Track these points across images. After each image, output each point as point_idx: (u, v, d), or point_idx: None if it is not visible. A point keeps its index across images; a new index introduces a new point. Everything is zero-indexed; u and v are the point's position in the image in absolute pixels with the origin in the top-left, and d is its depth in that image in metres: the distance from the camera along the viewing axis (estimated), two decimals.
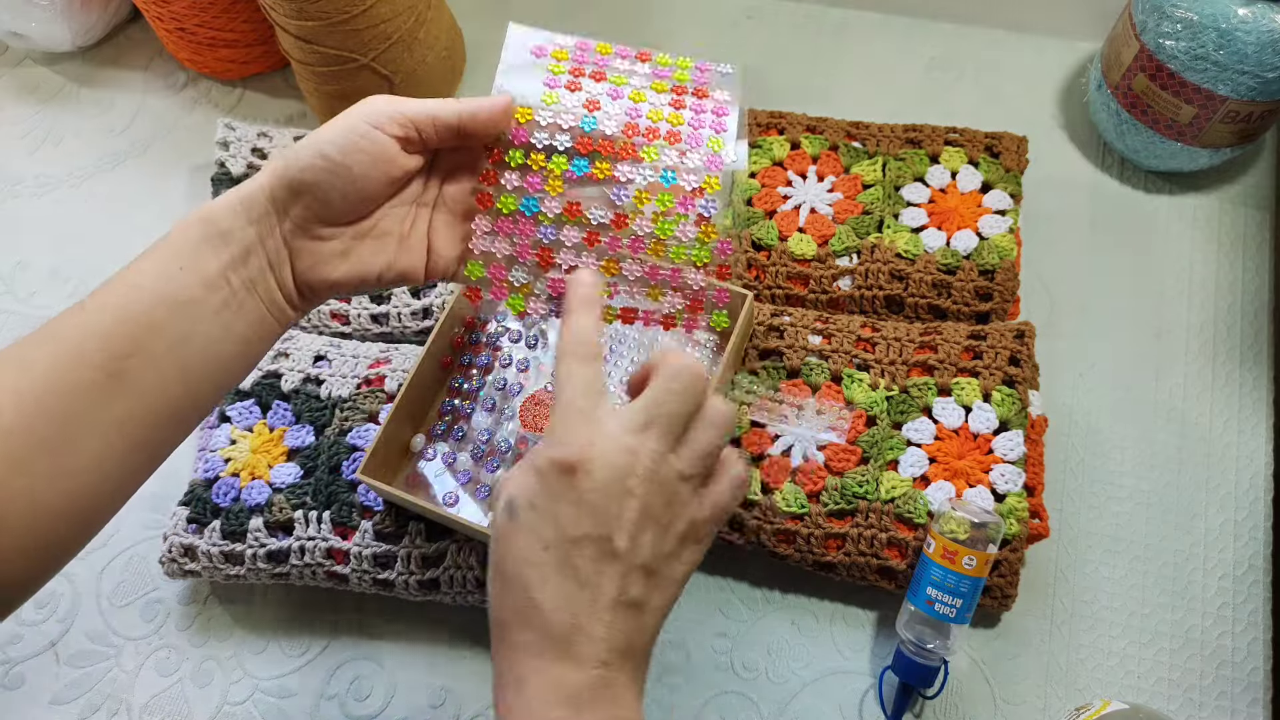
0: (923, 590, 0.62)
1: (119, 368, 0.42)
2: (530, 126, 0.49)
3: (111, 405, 0.42)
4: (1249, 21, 0.69)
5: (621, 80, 0.50)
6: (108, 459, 0.43)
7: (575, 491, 0.40)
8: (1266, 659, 0.66)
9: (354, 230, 0.47)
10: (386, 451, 0.66)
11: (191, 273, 0.43)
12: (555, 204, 0.49)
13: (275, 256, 0.45)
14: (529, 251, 0.49)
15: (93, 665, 0.69)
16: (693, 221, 0.48)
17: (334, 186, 0.45)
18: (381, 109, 0.45)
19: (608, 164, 0.48)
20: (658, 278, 0.49)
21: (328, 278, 0.47)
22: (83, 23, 0.93)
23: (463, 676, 0.68)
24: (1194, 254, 0.80)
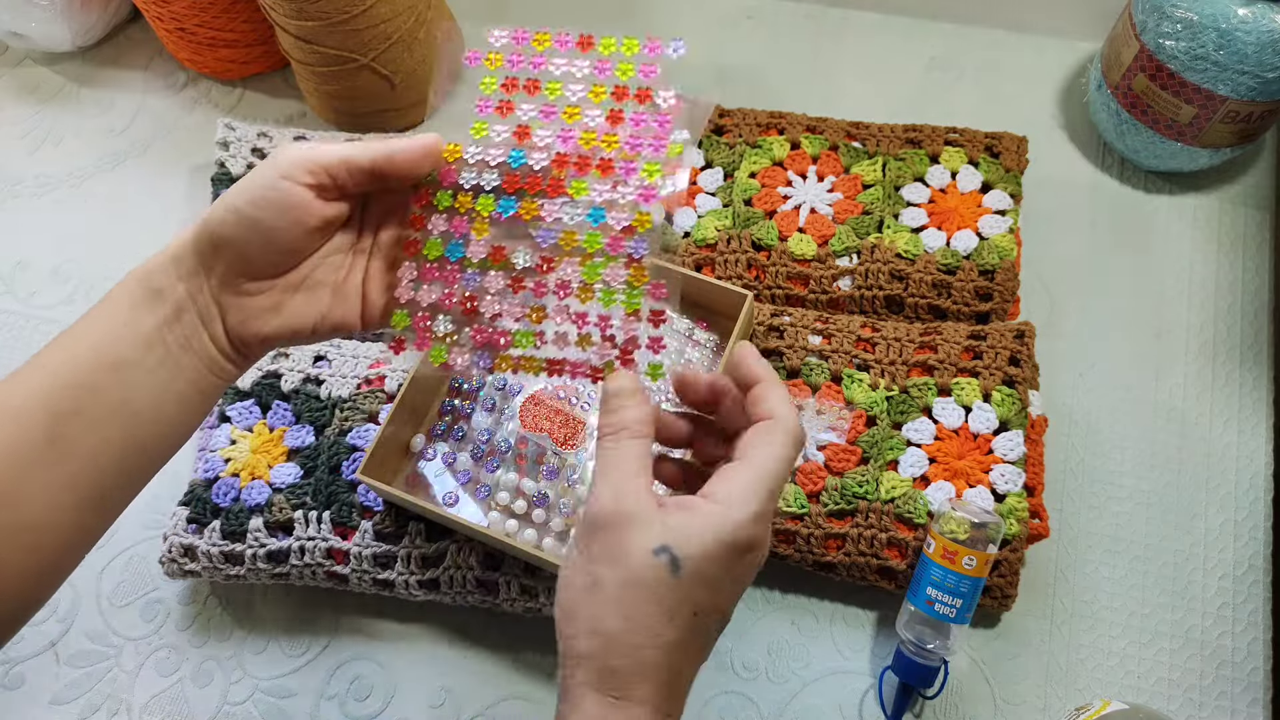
0: (923, 590, 0.62)
1: (60, 431, 0.42)
2: (459, 165, 0.46)
3: (57, 466, 0.42)
4: (1249, 21, 0.69)
5: (556, 89, 0.46)
6: (60, 516, 0.43)
7: (742, 568, 0.41)
8: (1266, 659, 0.66)
9: (283, 283, 0.46)
10: (386, 451, 0.66)
11: (129, 333, 0.43)
12: (481, 248, 0.46)
13: (206, 313, 0.45)
14: (454, 298, 0.46)
15: (93, 665, 0.69)
16: (622, 264, 0.45)
17: (249, 241, 0.44)
18: (292, 158, 0.44)
19: (535, 203, 0.46)
20: (585, 326, 0.45)
21: (259, 332, 0.46)
22: (83, 23, 0.93)
23: (463, 676, 0.68)
24: (1194, 254, 0.80)
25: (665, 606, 0.39)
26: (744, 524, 0.40)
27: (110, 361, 0.43)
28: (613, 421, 0.42)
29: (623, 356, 0.45)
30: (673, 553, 0.39)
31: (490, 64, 0.46)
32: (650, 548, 0.39)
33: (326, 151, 0.44)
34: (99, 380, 0.43)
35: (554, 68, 0.46)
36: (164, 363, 0.44)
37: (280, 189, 0.43)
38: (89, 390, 0.43)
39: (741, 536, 0.40)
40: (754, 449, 0.42)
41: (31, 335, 0.83)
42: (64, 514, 0.43)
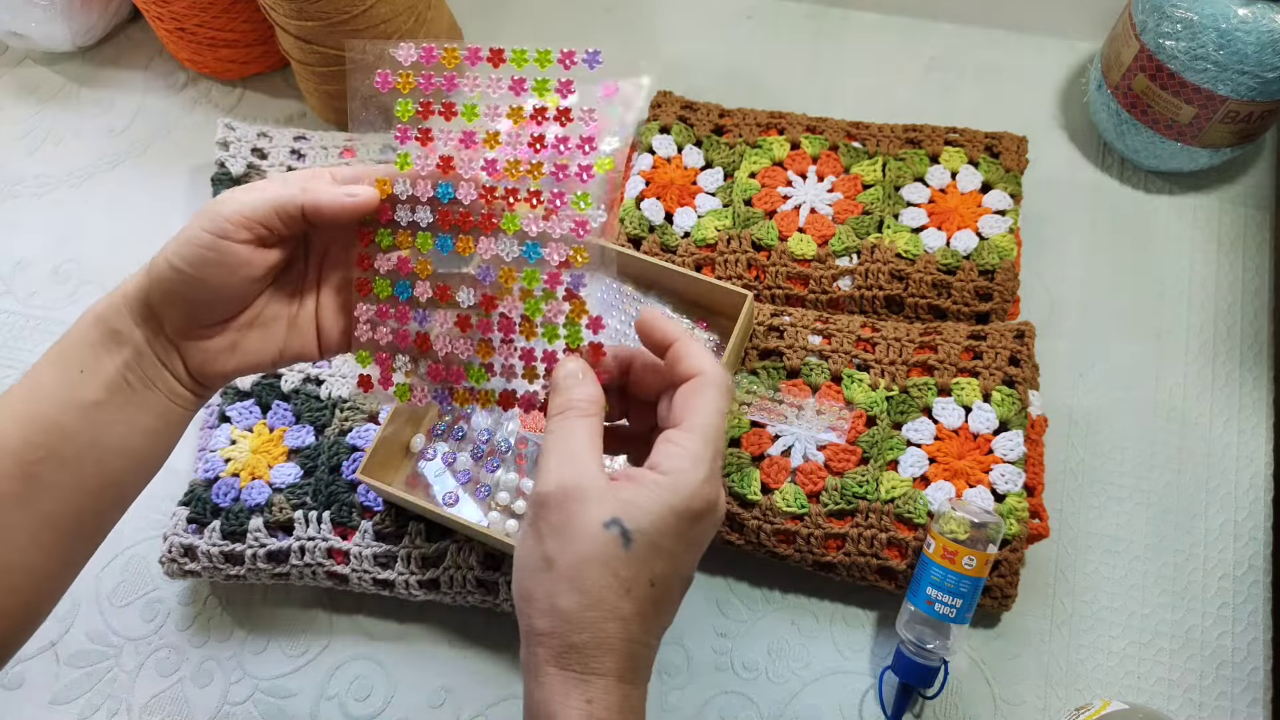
0: (923, 590, 0.62)
1: (32, 472, 0.43)
2: (391, 201, 0.46)
3: (33, 507, 0.43)
4: (1249, 21, 0.69)
5: (472, 113, 0.45)
6: (38, 556, 0.44)
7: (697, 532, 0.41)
8: (1266, 659, 0.66)
9: (236, 324, 0.46)
10: (386, 451, 0.66)
11: (92, 375, 0.44)
12: (426, 287, 0.47)
13: (164, 355, 0.45)
14: (408, 336, 0.47)
15: (93, 665, 0.69)
16: (561, 297, 0.46)
17: (196, 297, 0.44)
18: (224, 214, 0.43)
19: (470, 239, 0.46)
20: (532, 361, 0.46)
21: (221, 369, 0.46)
22: (83, 23, 0.93)
23: (463, 676, 0.68)
24: (1194, 254, 0.80)
25: (621, 579, 0.39)
26: (695, 491, 0.40)
27: (77, 403, 0.44)
28: (560, 401, 0.43)
29: None
30: (624, 525, 0.39)
31: (403, 86, 0.45)
32: (601, 521, 0.39)
33: (257, 202, 0.44)
34: (67, 423, 0.44)
35: (466, 86, 0.45)
36: (130, 401, 0.45)
37: (219, 249, 0.43)
38: (58, 433, 0.43)
39: (695, 504, 0.40)
40: (690, 411, 0.42)
41: (31, 335, 0.83)
42: (41, 553, 0.44)
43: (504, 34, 0.96)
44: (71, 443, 0.44)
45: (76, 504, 0.44)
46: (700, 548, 0.41)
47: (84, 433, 0.44)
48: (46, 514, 0.44)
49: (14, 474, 0.43)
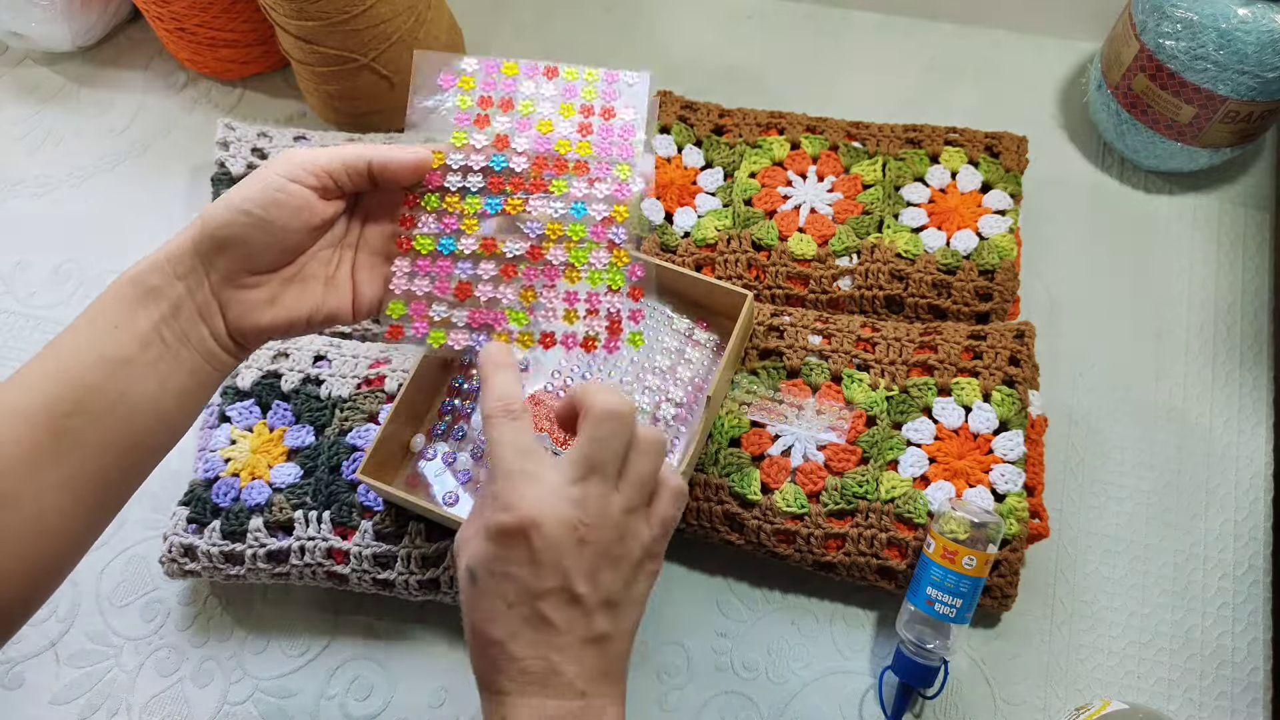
0: (923, 590, 0.62)
1: (61, 428, 0.43)
2: (443, 170, 0.50)
3: (60, 465, 0.43)
4: (1249, 21, 0.69)
5: (529, 107, 0.51)
6: (63, 514, 0.44)
7: (530, 552, 0.42)
8: (1266, 659, 0.66)
9: (280, 277, 0.48)
10: (386, 451, 0.66)
11: (125, 331, 0.45)
12: (471, 242, 0.51)
13: (205, 309, 0.46)
14: (448, 287, 0.51)
15: (93, 665, 0.69)
16: (604, 248, 0.50)
17: (258, 240, 0.46)
18: (297, 162, 0.46)
19: (520, 200, 0.50)
20: (574, 303, 0.51)
21: (258, 324, 0.48)
22: (83, 23, 0.93)
23: (463, 676, 0.67)
24: (1194, 254, 0.80)
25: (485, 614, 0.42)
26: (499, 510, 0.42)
27: (108, 359, 0.44)
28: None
29: (610, 327, 0.51)
30: (469, 568, 0.43)
31: (464, 85, 0.50)
32: (464, 572, 0.43)
33: (328, 155, 0.47)
34: (97, 379, 0.44)
35: (525, 90, 0.50)
36: (162, 358, 0.45)
37: (288, 191, 0.46)
38: (88, 389, 0.44)
39: (504, 522, 0.42)
40: None
41: (31, 335, 0.83)
42: (66, 511, 0.44)
43: (504, 34, 0.96)
44: (101, 398, 0.44)
45: (103, 462, 0.45)
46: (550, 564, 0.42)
47: (113, 389, 0.44)
48: (74, 471, 0.44)
49: (44, 429, 0.43)
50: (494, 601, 0.42)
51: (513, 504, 0.42)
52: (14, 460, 0.42)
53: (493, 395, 0.45)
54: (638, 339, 0.51)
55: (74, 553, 0.46)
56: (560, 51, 0.94)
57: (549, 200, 0.50)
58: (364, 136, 0.85)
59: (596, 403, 0.44)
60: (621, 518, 0.44)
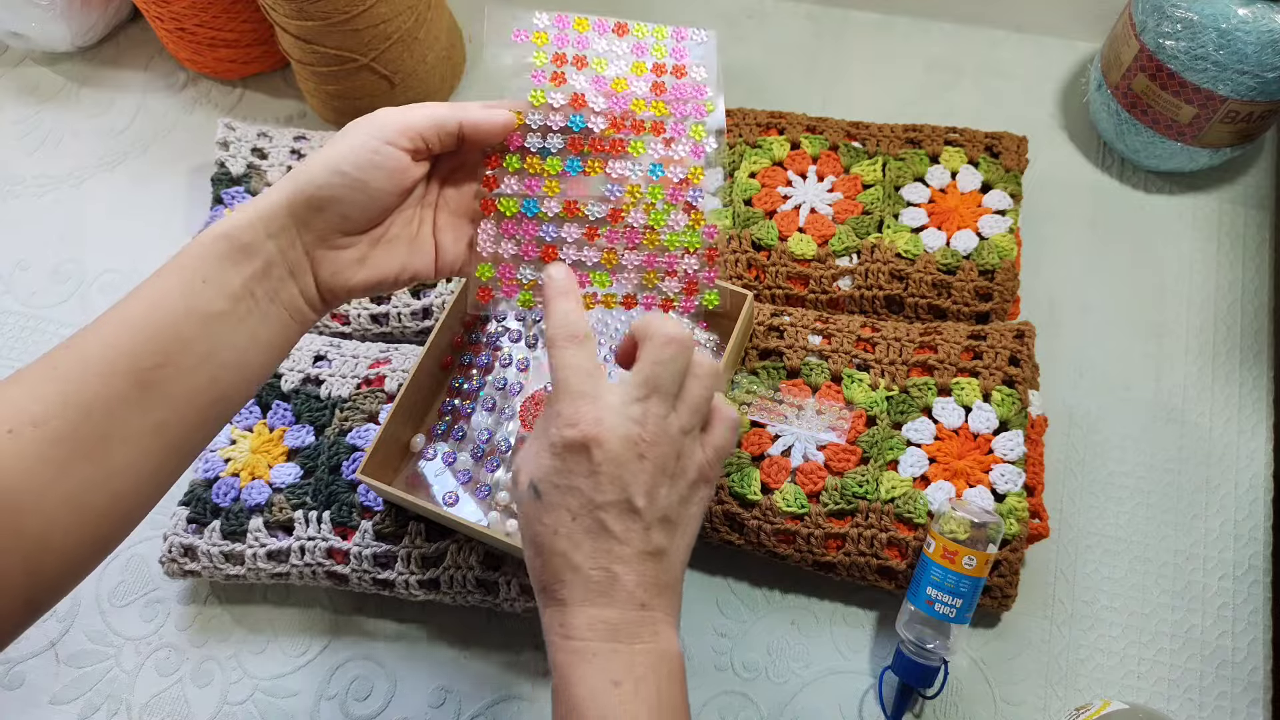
0: (923, 590, 0.62)
1: (150, 378, 0.44)
2: (523, 131, 0.51)
3: (146, 414, 0.44)
4: (1249, 21, 0.69)
5: (602, 64, 0.51)
6: (144, 462, 0.45)
7: (592, 465, 0.44)
8: (1266, 659, 0.66)
9: (369, 237, 0.49)
10: (386, 451, 0.66)
11: (215, 286, 0.45)
12: (554, 204, 0.52)
13: (297, 267, 0.47)
14: (533, 250, 0.52)
15: (93, 665, 0.69)
16: (681, 209, 0.52)
17: (353, 201, 0.47)
18: (391, 124, 0.47)
19: (600, 162, 0.51)
20: (654, 265, 0.52)
21: (348, 283, 0.49)
22: (83, 23, 0.93)
23: (463, 676, 0.68)
24: (1194, 254, 0.80)
25: (549, 527, 0.44)
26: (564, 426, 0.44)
27: (198, 313, 0.45)
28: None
29: (687, 289, 0.53)
30: (531, 483, 0.45)
31: (538, 40, 0.51)
32: (525, 489, 0.45)
33: (420, 117, 0.48)
34: (186, 331, 0.45)
35: (597, 47, 0.51)
36: (251, 313, 0.46)
37: (384, 153, 0.47)
38: (177, 340, 0.44)
39: (569, 437, 0.44)
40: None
41: (31, 335, 0.83)
42: (150, 460, 0.45)
43: None
44: (190, 352, 0.45)
45: (188, 414, 0.45)
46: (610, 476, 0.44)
47: (203, 342, 0.45)
48: (159, 422, 0.44)
49: (130, 379, 0.43)
50: (558, 514, 0.44)
51: (576, 420, 0.44)
52: (105, 411, 0.43)
53: (557, 320, 0.47)
54: (713, 298, 0.53)
55: (156, 497, 0.47)
56: None
57: (627, 162, 0.51)
58: None
59: (658, 329, 0.46)
60: (679, 437, 0.46)
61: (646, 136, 0.52)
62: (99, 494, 0.43)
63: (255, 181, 0.82)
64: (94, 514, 0.44)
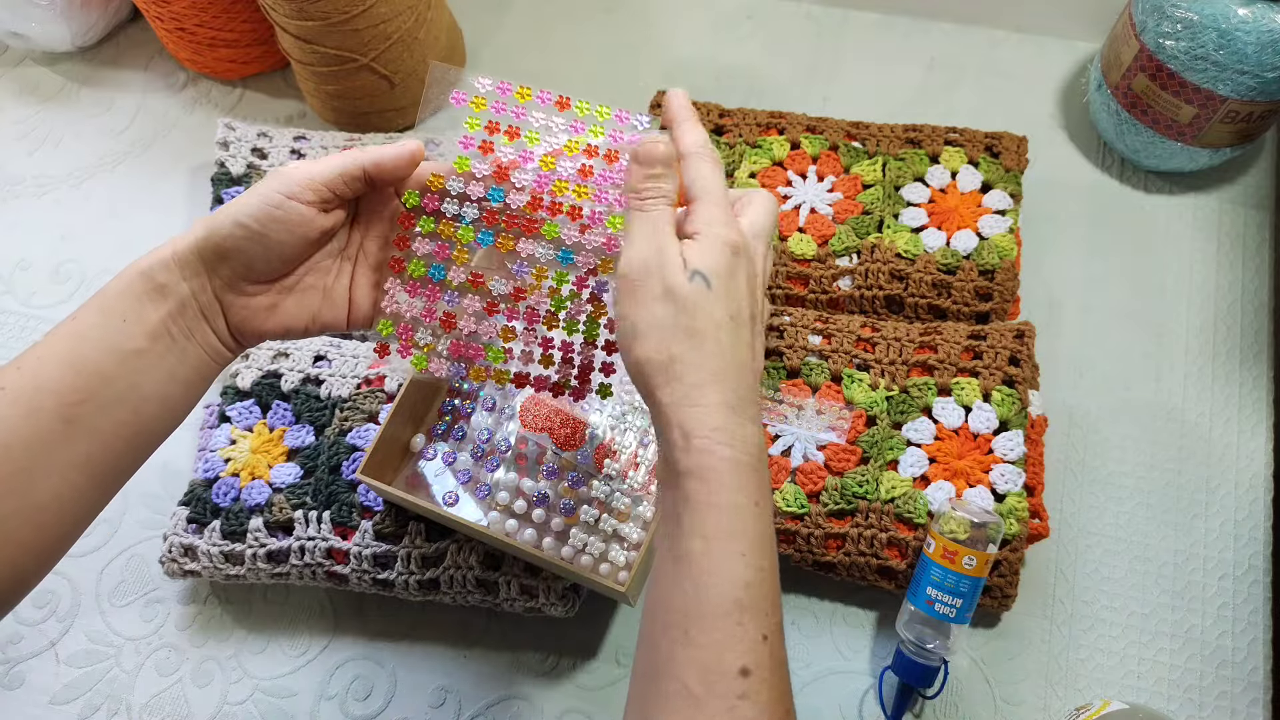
0: (923, 590, 0.62)
1: (73, 414, 0.45)
2: (441, 194, 0.51)
3: (69, 448, 0.45)
4: (1249, 21, 0.69)
5: (534, 138, 0.51)
6: (68, 495, 0.46)
7: (744, 271, 0.47)
8: (1266, 659, 0.66)
9: (279, 286, 0.50)
10: (386, 451, 0.66)
11: (135, 324, 0.47)
12: (460, 273, 0.52)
13: (208, 309, 0.49)
14: (434, 314, 0.52)
15: (93, 665, 0.69)
16: (585, 300, 0.52)
17: (255, 253, 0.48)
18: (296, 177, 0.48)
19: (511, 239, 0.51)
20: (550, 348, 0.53)
21: (259, 328, 0.50)
22: (83, 23, 0.93)
23: (463, 676, 0.68)
24: (1194, 254, 0.80)
25: (712, 315, 0.45)
26: (729, 232, 0.46)
27: (119, 350, 0.46)
28: (651, 188, 0.47)
29: (580, 376, 0.53)
30: (701, 273, 0.45)
31: (475, 106, 0.50)
32: (687, 277, 0.45)
33: (323, 168, 0.48)
34: (108, 368, 0.46)
35: (533, 120, 0.50)
36: (170, 350, 0.48)
37: (286, 208, 0.48)
38: (100, 377, 0.46)
39: (732, 239, 0.46)
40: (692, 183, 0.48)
41: (31, 335, 0.83)
42: (74, 493, 0.46)
43: (504, 35, 0.96)
44: (112, 388, 0.46)
45: (112, 448, 0.47)
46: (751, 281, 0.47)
47: (124, 379, 0.46)
48: (83, 456, 0.46)
49: (55, 415, 0.45)
50: (722, 306, 0.45)
51: (737, 226, 0.47)
52: (29, 445, 0.44)
53: (695, 139, 0.48)
54: (606, 390, 0.53)
55: (74, 533, 0.48)
56: (560, 51, 0.95)
57: (539, 243, 0.51)
58: (364, 137, 0.85)
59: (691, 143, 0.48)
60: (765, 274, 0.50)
61: (563, 220, 0.51)
62: (22, 527, 0.45)
63: (255, 181, 0.82)
64: (16, 547, 0.45)
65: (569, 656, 0.68)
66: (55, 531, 0.47)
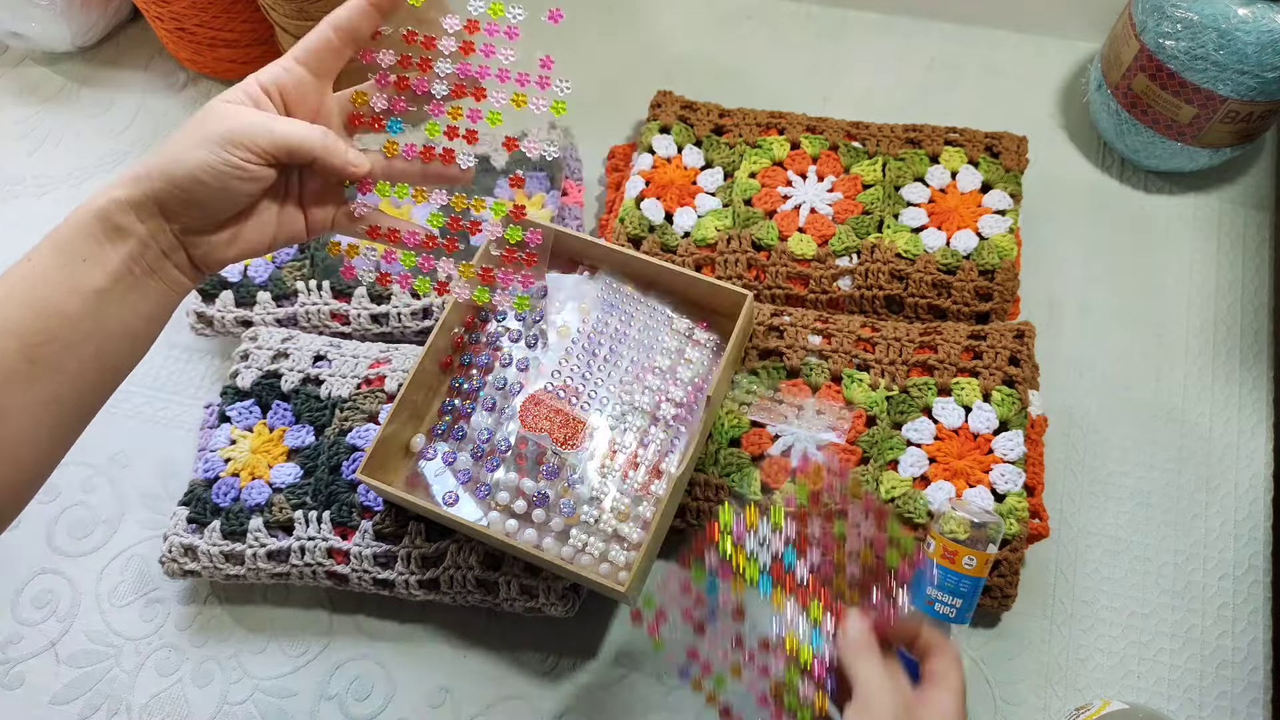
0: (923, 590, 0.62)
1: (38, 354, 0.46)
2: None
3: (35, 389, 0.46)
4: (1249, 21, 0.69)
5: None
6: (38, 432, 0.47)
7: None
8: (1266, 659, 0.66)
9: (237, 218, 0.51)
10: (386, 451, 0.66)
11: (95, 264, 0.47)
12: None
13: (169, 247, 0.49)
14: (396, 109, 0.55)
15: (93, 665, 0.69)
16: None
17: (214, 201, 0.49)
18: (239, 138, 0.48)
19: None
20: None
21: (221, 258, 0.51)
22: (83, 23, 0.93)
23: (463, 676, 0.68)
24: (1194, 254, 0.80)
25: None
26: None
27: (80, 290, 0.47)
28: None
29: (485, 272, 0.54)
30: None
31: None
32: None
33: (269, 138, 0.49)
34: (71, 308, 0.47)
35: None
36: (132, 288, 0.48)
37: (241, 168, 0.48)
38: (62, 317, 0.46)
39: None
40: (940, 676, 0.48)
41: None
42: (43, 429, 0.47)
43: None
44: (76, 328, 0.47)
45: (78, 385, 0.48)
46: None
47: (88, 318, 0.47)
48: (50, 394, 0.46)
49: (19, 355, 0.45)
50: None
51: None
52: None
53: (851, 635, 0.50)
54: (523, 303, 0.54)
55: (46, 468, 0.49)
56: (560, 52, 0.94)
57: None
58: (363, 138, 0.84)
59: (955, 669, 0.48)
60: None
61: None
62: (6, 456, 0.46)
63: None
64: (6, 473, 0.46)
65: (569, 656, 0.68)
66: (29, 469, 0.47)
